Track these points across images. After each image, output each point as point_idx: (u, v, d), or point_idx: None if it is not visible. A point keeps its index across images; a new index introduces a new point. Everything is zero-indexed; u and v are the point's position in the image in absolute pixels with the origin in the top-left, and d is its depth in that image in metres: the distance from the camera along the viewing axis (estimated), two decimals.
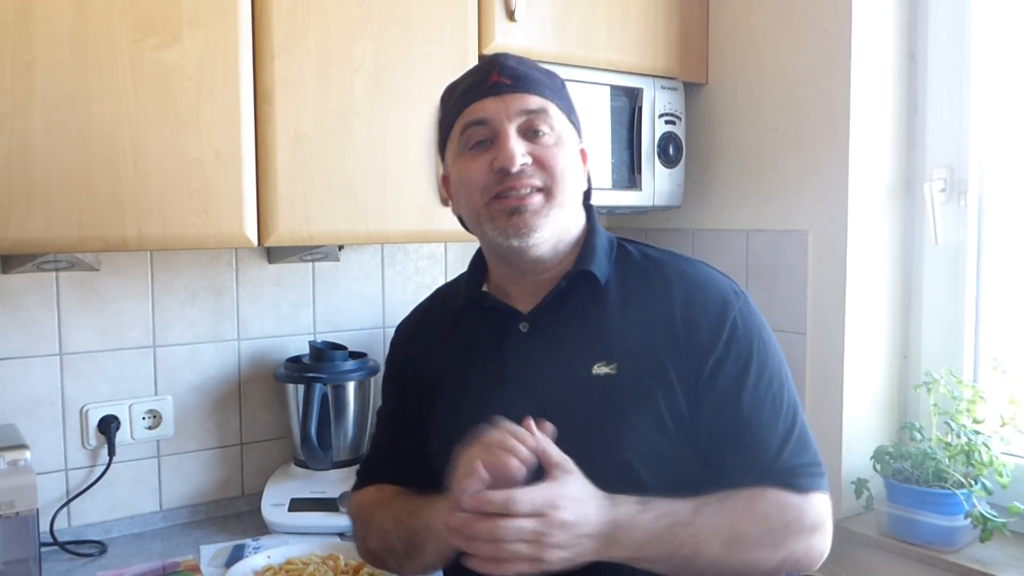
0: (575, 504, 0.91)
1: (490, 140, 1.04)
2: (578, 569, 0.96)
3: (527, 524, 0.88)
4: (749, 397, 1.03)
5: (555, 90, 1.09)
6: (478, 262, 1.18)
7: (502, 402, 1.06)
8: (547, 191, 1.04)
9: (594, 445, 1.01)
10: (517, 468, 0.91)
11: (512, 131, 1.03)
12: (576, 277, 1.07)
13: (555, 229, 1.05)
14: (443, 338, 1.18)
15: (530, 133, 1.04)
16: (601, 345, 1.05)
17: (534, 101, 1.04)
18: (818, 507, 1.01)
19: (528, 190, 1.03)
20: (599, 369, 1.03)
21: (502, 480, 0.91)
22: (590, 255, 1.08)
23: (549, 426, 0.97)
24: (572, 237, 1.09)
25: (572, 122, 1.11)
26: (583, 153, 1.13)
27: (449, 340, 1.17)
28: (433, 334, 1.20)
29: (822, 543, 1.02)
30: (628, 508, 0.94)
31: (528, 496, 0.89)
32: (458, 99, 1.08)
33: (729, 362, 1.03)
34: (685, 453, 1.03)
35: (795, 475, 1.01)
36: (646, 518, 0.94)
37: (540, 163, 1.03)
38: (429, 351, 1.19)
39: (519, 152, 1.02)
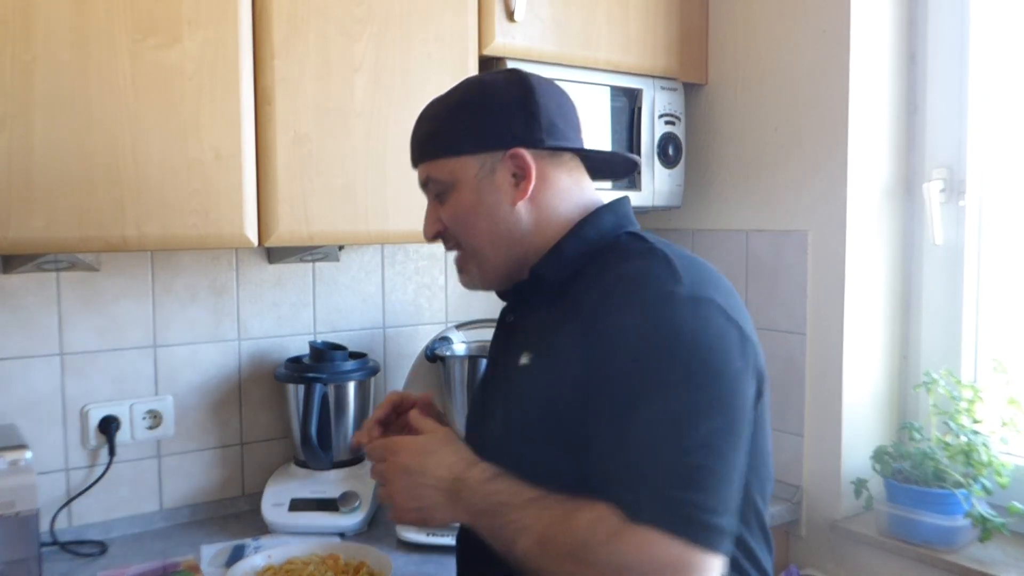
0: (418, 454, 1.01)
1: None
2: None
3: (377, 466, 1.03)
4: (624, 409, 0.89)
5: (433, 137, 1.09)
6: None
7: (487, 391, 1.15)
8: (459, 245, 1.10)
9: (506, 435, 1.03)
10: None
11: (429, 204, 1.11)
12: (527, 278, 1.08)
13: (492, 268, 1.09)
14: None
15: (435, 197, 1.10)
16: (531, 337, 1.05)
17: (419, 172, 1.11)
18: (643, 546, 0.82)
19: (451, 246, 1.12)
20: (523, 359, 1.04)
21: None
22: (550, 257, 1.06)
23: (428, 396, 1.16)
24: (543, 245, 1.06)
25: (471, 149, 1.05)
26: (508, 158, 1.04)
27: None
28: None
29: None
30: (480, 474, 0.97)
31: (378, 441, 1.06)
32: None
33: (616, 366, 0.91)
34: (573, 457, 0.95)
35: (640, 502, 0.84)
36: (488, 489, 0.95)
37: (447, 224, 1.09)
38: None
39: (430, 223, 1.11)
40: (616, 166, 1.21)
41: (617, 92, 1.84)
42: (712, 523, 0.83)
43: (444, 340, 1.81)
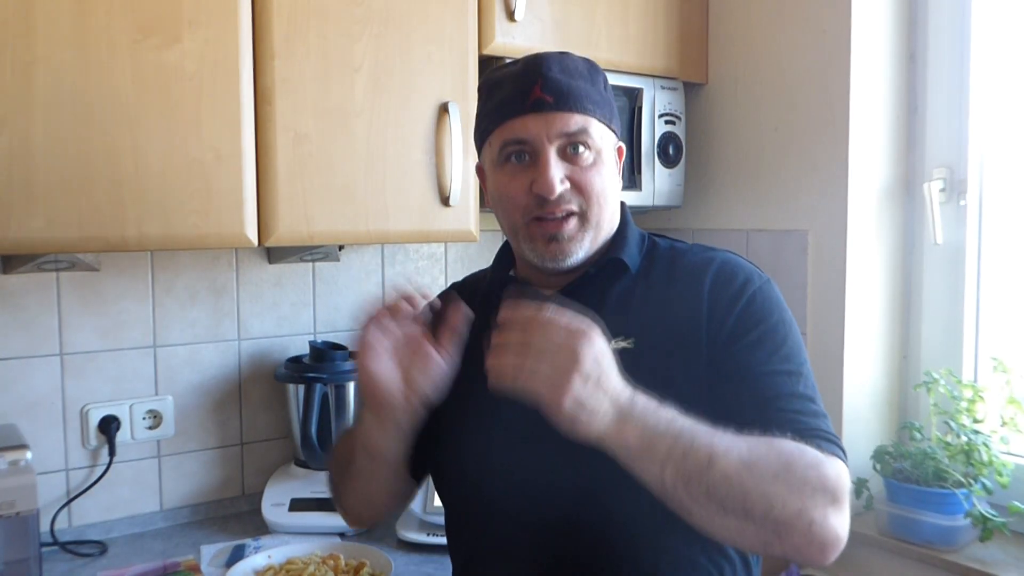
0: (604, 353, 0.89)
1: (529, 155, 1.04)
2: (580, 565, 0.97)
3: (561, 335, 0.87)
4: (764, 367, 1.00)
5: (597, 100, 1.06)
6: (504, 253, 1.19)
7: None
8: (582, 215, 1.04)
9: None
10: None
11: (552, 154, 1.02)
12: (606, 264, 1.08)
13: (597, 246, 1.07)
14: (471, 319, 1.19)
15: (569, 150, 1.04)
16: (620, 322, 1.04)
17: (575, 121, 1.03)
18: (840, 470, 0.95)
19: (563, 214, 1.03)
20: (616, 344, 1.02)
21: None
22: (621, 245, 1.10)
23: None
24: (605, 238, 1.10)
25: (612, 128, 1.10)
26: (620, 151, 1.13)
27: (476, 321, 1.16)
28: None
29: (839, 520, 0.92)
30: (648, 399, 0.91)
31: (566, 315, 0.88)
32: (498, 108, 1.06)
33: (742, 332, 1.01)
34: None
35: (816, 437, 0.96)
36: (666, 413, 0.90)
37: (577, 187, 1.03)
38: None
39: (557, 179, 1.02)
40: None
41: (617, 91, 1.84)
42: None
43: None
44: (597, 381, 0.87)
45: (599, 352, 0.88)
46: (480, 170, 1.15)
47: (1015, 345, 1.68)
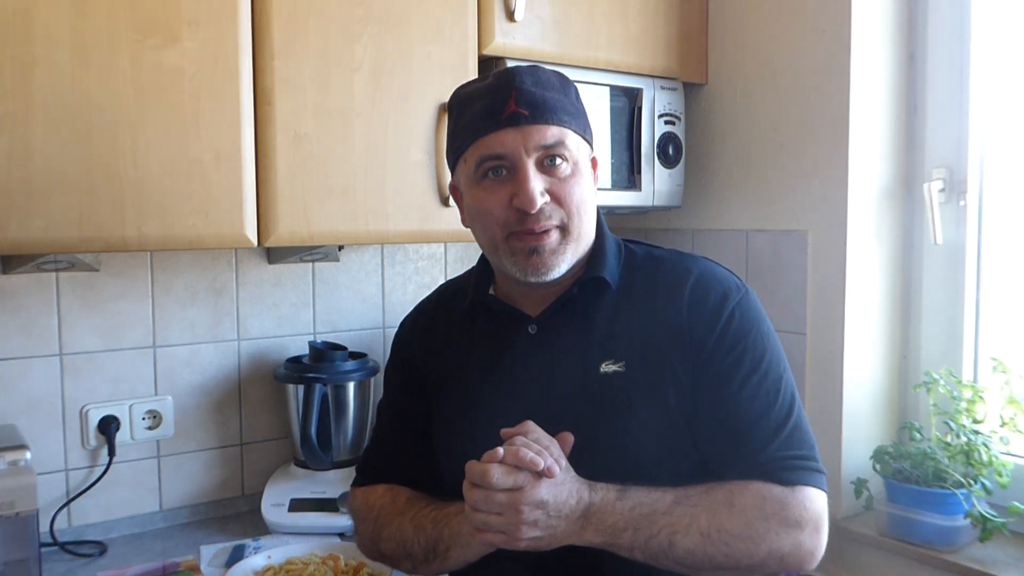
0: (551, 485, 0.94)
1: (507, 170, 1.03)
2: (577, 563, 0.99)
3: (500, 497, 0.93)
4: (740, 388, 1.03)
5: (570, 111, 1.06)
6: (485, 265, 1.18)
7: (511, 403, 1.08)
8: (564, 228, 1.04)
9: (602, 442, 1.02)
10: (533, 463, 0.94)
11: (531, 167, 1.02)
12: (588, 283, 1.08)
13: (571, 261, 1.06)
14: (451, 338, 1.18)
15: (547, 162, 1.03)
16: (609, 344, 1.06)
17: (552, 133, 1.03)
18: (805, 502, 0.99)
19: (545, 230, 1.03)
20: (607, 367, 1.04)
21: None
22: (601, 261, 1.09)
23: (569, 436, 1.00)
24: (585, 248, 1.10)
25: (586, 138, 1.09)
26: (594, 161, 1.12)
27: (457, 340, 1.17)
28: (440, 333, 1.20)
29: (813, 541, 0.99)
30: (605, 494, 0.97)
31: (506, 471, 0.93)
32: (472, 123, 1.05)
33: (723, 352, 1.04)
34: (690, 447, 1.04)
35: (782, 468, 0.99)
36: (623, 505, 0.96)
37: (557, 199, 1.03)
38: (436, 350, 1.19)
39: (538, 192, 1.01)
40: None
41: (617, 92, 1.84)
42: (823, 470, 1.03)
43: None
44: (547, 515, 0.94)
45: (542, 497, 0.94)
46: (454, 189, 1.14)
47: (1015, 345, 1.67)
